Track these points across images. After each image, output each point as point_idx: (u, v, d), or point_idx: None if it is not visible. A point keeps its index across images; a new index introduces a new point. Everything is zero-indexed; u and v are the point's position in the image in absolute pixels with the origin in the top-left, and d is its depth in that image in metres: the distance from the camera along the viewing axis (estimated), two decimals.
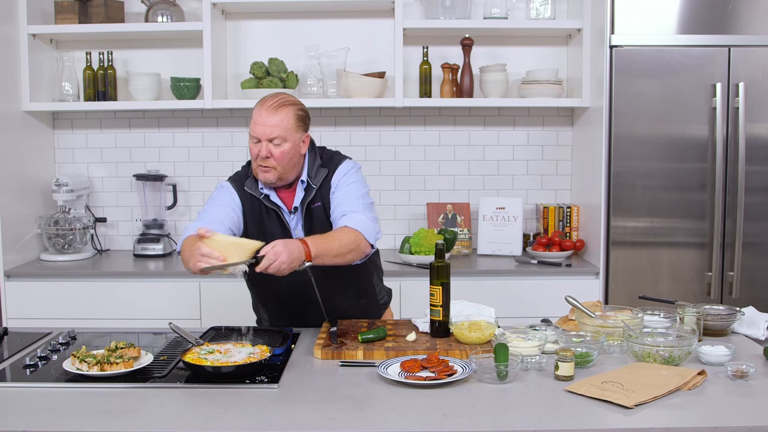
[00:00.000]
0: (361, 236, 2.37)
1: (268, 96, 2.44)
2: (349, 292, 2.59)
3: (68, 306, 3.49)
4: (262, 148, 2.38)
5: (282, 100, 2.42)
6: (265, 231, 2.46)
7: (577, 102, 3.79)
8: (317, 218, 2.48)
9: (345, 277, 2.51)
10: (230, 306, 3.49)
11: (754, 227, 3.50)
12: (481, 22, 3.80)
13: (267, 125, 2.37)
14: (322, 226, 2.47)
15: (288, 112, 2.40)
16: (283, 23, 4.00)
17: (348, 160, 2.57)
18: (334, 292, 2.49)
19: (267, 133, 2.37)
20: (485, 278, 3.53)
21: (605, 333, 2.23)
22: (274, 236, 2.35)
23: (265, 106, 2.39)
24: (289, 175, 2.45)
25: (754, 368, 2.01)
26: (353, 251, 2.35)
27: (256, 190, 2.48)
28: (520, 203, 3.93)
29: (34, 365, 2.13)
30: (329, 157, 2.57)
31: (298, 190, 2.49)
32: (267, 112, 2.38)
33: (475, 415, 1.77)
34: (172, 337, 2.39)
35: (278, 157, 2.38)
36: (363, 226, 2.39)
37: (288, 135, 2.39)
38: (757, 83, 3.45)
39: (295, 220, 2.49)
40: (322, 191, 2.49)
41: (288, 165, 2.42)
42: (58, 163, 4.07)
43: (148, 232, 3.93)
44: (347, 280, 2.54)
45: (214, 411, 1.81)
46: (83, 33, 3.80)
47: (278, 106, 2.39)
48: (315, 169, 2.50)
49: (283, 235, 2.44)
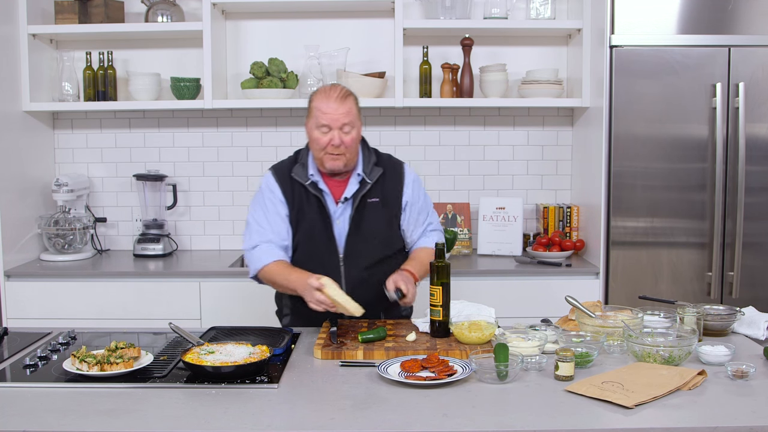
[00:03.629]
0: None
1: (327, 87, 2.55)
2: (375, 289, 2.60)
3: (68, 306, 3.49)
4: (334, 136, 2.48)
5: (345, 90, 2.55)
6: (304, 217, 2.58)
7: (577, 102, 3.79)
8: (370, 212, 2.59)
9: (375, 270, 2.57)
10: (230, 306, 3.50)
11: (754, 227, 3.50)
12: (481, 22, 3.80)
13: (338, 113, 2.48)
14: (373, 221, 2.59)
15: (353, 101, 2.54)
16: (283, 23, 4.00)
17: (406, 164, 2.72)
18: (361, 284, 2.57)
19: (340, 121, 2.47)
20: (485, 278, 3.53)
21: (605, 333, 2.23)
22: (312, 222, 2.54)
23: (333, 96, 2.50)
24: (353, 162, 2.58)
25: (754, 368, 2.01)
26: None
27: (303, 176, 2.58)
28: (520, 203, 3.93)
29: (34, 365, 2.13)
30: (387, 158, 2.70)
31: (352, 183, 2.59)
32: (336, 102, 2.49)
33: (475, 415, 1.77)
34: (172, 337, 2.39)
35: (348, 144, 2.49)
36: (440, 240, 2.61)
37: (355, 122, 2.52)
38: (757, 83, 3.45)
39: (341, 209, 2.58)
40: (384, 190, 2.62)
41: (354, 151, 2.55)
42: (58, 163, 4.07)
43: (148, 232, 3.93)
44: (377, 274, 2.57)
45: (214, 411, 1.81)
46: (83, 33, 3.81)
47: (345, 96, 2.52)
48: (370, 166, 2.61)
49: (322, 221, 2.56)
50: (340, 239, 2.58)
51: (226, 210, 4.09)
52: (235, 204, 4.08)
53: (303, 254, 2.60)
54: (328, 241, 2.57)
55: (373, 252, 2.59)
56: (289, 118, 4.05)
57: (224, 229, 4.11)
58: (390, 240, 2.64)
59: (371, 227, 2.58)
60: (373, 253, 2.59)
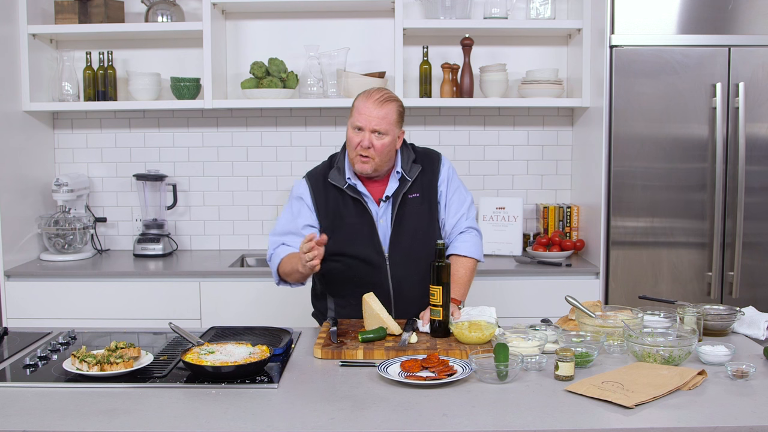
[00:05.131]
0: (475, 262, 2.67)
1: (373, 89, 2.58)
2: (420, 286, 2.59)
3: (68, 306, 3.49)
4: (364, 138, 2.50)
5: (387, 95, 2.56)
6: (342, 223, 2.58)
7: (577, 102, 3.79)
8: (411, 208, 2.61)
9: (420, 267, 2.57)
10: (230, 306, 3.50)
11: (754, 227, 3.50)
12: (481, 22, 3.80)
13: (373, 116, 2.50)
14: (415, 217, 2.62)
15: (392, 107, 2.54)
16: (283, 23, 4.00)
17: (442, 155, 2.74)
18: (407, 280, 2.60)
19: (372, 124, 2.50)
20: (485, 278, 3.53)
21: (605, 333, 2.23)
22: (352, 227, 2.56)
23: (372, 98, 2.53)
24: (383, 167, 2.58)
25: (754, 368, 2.01)
26: (473, 276, 2.68)
27: (340, 180, 2.60)
28: (520, 203, 3.93)
29: (34, 365, 2.13)
30: (424, 154, 2.71)
31: (392, 181, 2.62)
32: (373, 105, 2.51)
33: (475, 415, 1.77)
34: (172, 337, 2.39)
35: (378, 149, 2.51)
36: (476, 250, 2.67)
37: (390, 129, 2.52)
38: (757, 83, 3.45)
39: (383, 209, 2.61)
40: (422, 184, 2.64)
41: (384, 158, 2.55)
42: (58, 163, 4.07)
43: (148, 232, 3.93)
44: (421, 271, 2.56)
45: (214, 411, 1.81)
46: (83, 33, 3.81)
47: (384, 101, 2.53)
48: (409, 164, 2.64)
49: (363, 223, 2.58)
50: (384, 239, 2.60)
51: (226, 210, 4.09)
52: (235, 204, 4.08)
53: (346, 259, 2.60)
54: (372, 242, 2.58)
55: (417, 248, 2.61)
56: (289, 118, 4.05)
57: (224, 229, 4.10)
58: (432, 235, 2.64)
59: (413, 224, 2.61)
60: (416, 250, 2.60)
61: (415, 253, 2.60)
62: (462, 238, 2.67)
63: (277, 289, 3.56)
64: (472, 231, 2.70)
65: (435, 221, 2.67)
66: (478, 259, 2.68)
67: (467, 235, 2.68)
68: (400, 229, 2.60)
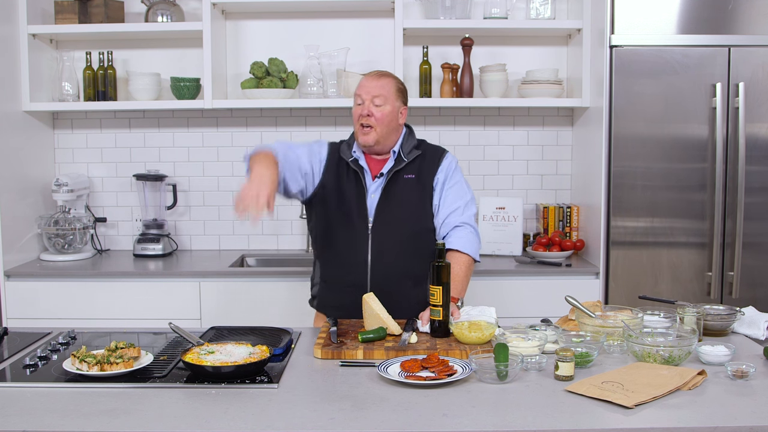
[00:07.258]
0: (471, 260, 2.66)
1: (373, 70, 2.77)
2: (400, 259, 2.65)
3: (68, 306, 3.49)
4: (364, 107, 2.61)
5: (385, 71, 2.74)
6: (343, 191, 2.68)
7: (577, 102, 3.79)
8: (403, 186, 2.67)
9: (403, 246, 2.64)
10: (230, 306, 3.50)
11: (754, 227, 3.50)
12: (481, 22, 3.80)
13: (371, 86, 2.63)
14: (405, 193, 2.66)
15: (389, 80, 2.68)
16: (283, 23, 4.00)
17: (450, 152, 2.80)
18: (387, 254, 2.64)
19: (371, 92, 2.61)
20: (485, 278, 3.53)
21: (605, 333, 2.23)
22: (349, 197, 2.66)
23: (371, 74, 2.70)
24: (387, 141, 2.67)
25: (754, 368, 2.01)
26: (470, 274, 2.68)
27: (347, 154, 2.71)
28: (520, 203, 3.93)
29: (34, 365, 2.13)
30: (431, 146, 2.79)
31: (390, 160, 2.70)
32: (371, 78, 2.67)
33: (475, 415, 1.77)
34: (172, 337, 2.39)
35: (378, 118, 2.61)
36: (471, 247, 2.66)
37: (389, 98, 2.63)
38: (757, 83, 3.45)
39: (377, 184, 2.68)
40: (421, 169, 2.69)
41: (387, 128, 2.64)
42: (58, 163, 4.07)
43: (148, 232, 3.93)
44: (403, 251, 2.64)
45: (214, 411, 1.81)
46: (83, 33, 3.81)
47: (381, 75, 2.69)
48: (409, 147, 2.72)
49: (357, 195, 2.66)
50: (371, 209, 2.65)
51: (226, 210, 4.09)
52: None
53: (338, 227, 2.67)
54: (360, 211, 2.65)
55: (402, 223, 2.64)
56: (289, 118, 4.05)
57: (224, 229, 4.11)
58: (420, 215, 2.68)
59: (401, 198, 2.66)
60: (401, 224, 2.64)
61: (398, 227, 2.64)
62: (457, 233, 2.66)
63: (277, 290, 3.58)
64: (468, 227, 2.68)
65: (428, 204, 2.69)
66: (474, 258, 2.67)
67: (462, 231, 2.66)
68: (387, 200, 2.65)
